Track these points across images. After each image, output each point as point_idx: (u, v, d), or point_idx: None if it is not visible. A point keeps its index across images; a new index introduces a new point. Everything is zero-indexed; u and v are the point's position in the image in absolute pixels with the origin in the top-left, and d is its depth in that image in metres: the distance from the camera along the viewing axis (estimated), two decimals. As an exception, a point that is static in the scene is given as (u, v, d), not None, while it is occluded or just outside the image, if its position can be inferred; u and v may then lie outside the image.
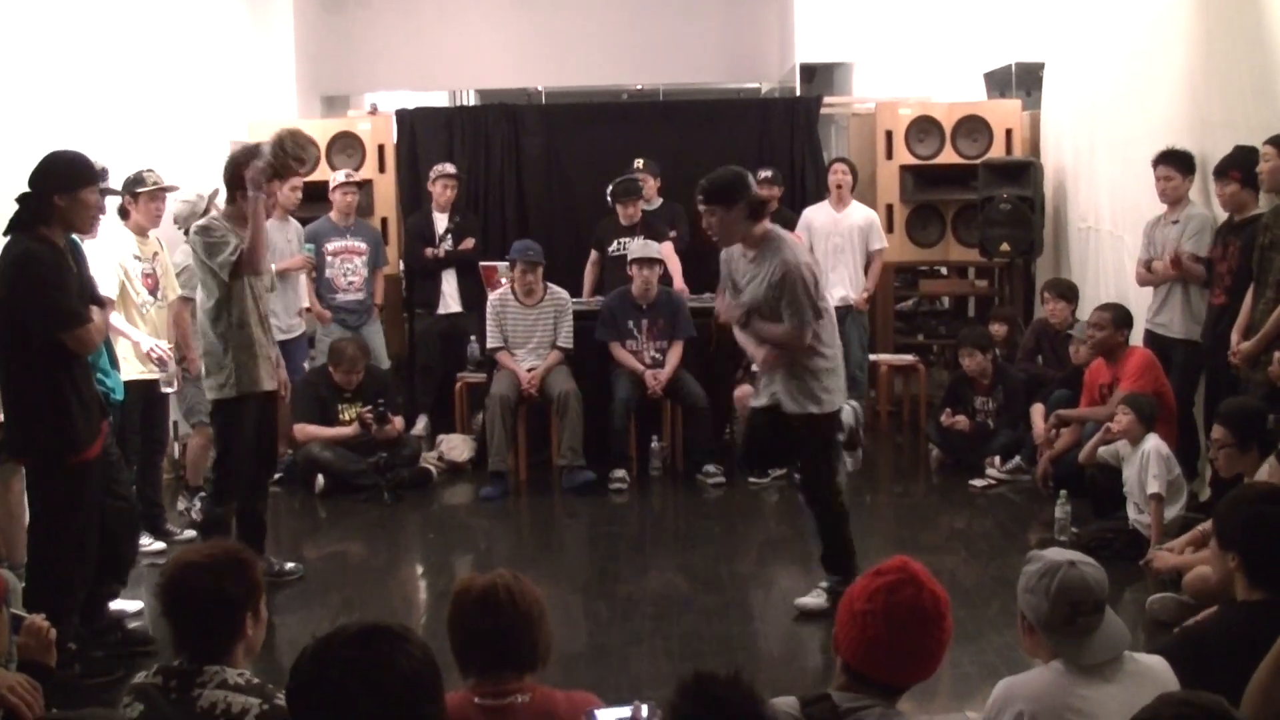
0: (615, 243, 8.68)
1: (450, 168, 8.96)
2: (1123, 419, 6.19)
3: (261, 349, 5.82)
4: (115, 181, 6.33)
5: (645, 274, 7.99)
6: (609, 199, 8.70)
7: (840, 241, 8.78)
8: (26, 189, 4.77)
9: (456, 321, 8.85)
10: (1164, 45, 7.19)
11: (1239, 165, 6.18)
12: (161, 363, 6.46)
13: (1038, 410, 7.49)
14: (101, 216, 5.19)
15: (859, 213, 8.89)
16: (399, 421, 8.07)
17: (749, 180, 5.45)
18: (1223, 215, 6.47)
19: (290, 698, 2.18)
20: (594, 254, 8.90)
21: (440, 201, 8.90)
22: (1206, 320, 6.53)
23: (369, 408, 7.88)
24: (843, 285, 8.68)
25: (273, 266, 6.49)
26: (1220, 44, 6.51)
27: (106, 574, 5.20)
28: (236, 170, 5.72)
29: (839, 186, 8.83)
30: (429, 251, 8.84)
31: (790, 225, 8.58)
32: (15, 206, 4.78)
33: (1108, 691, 2.85)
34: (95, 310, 4.95)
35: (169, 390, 6.66)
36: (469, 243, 8.90)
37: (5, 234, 4.79)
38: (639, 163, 8.93)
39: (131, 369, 6.35)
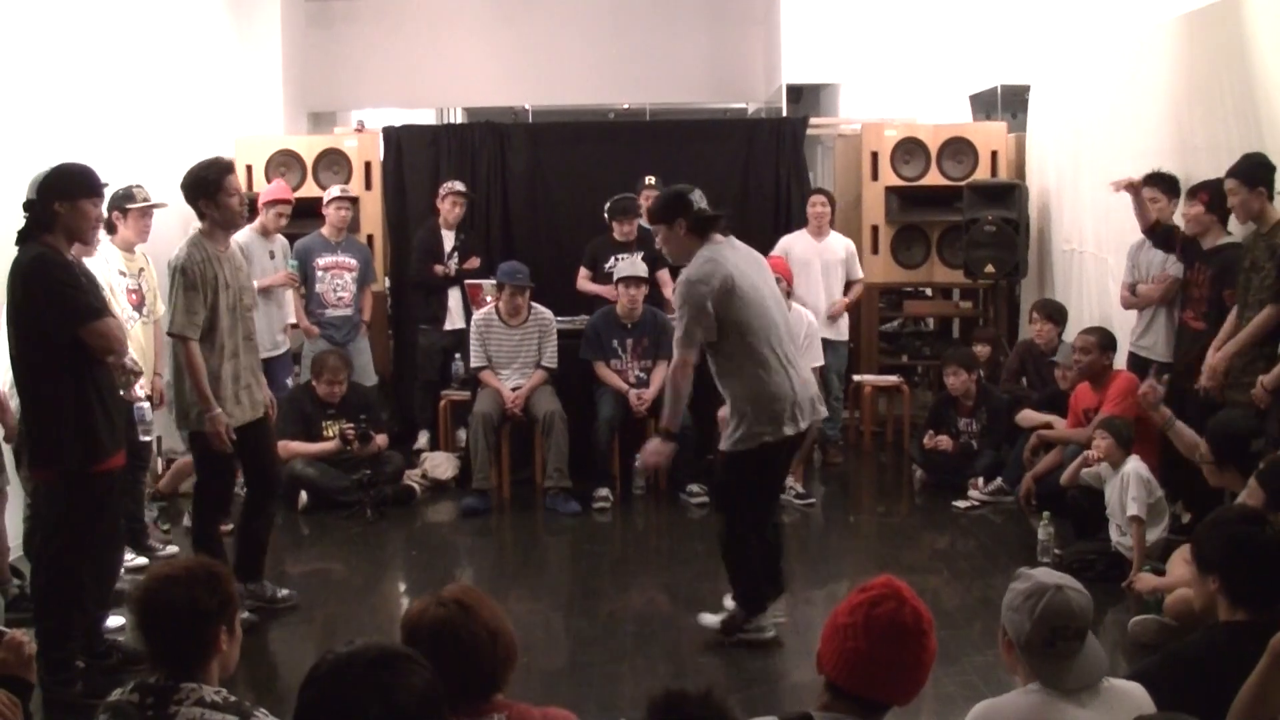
0: (611, 259, 8.68)
1: (460, 185, 9.01)
2: (1101, 443, 6.21)
3: (234, 383, 5.58)
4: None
5: (632, 293, 8.00)
6: (606, 216, 8.70)
7: (820, 270, 8.74)
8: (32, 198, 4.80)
9: (461, 337, 8.84)
10: (1148, 69, 7.24)
11: (1209, 190, 6.23)
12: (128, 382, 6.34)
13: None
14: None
15: (838, 243, 8.88)
16: (382, 438, 8.04)
17: (689, 198, 5.28)
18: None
19: (303, 716, 2.16)
20: (584, 270, 8.83)
21: (449, 219, 8.92)
22: (1187, 345, 6.55)
23: (352, 424, 7.86)
24: (821, 315, 8.57)
25: (254, 284, 6.41)
26: (1203, 68, 6.56)
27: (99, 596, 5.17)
28: (196, 184, 5.52)
29: (818, 217, 8.83)
30: (439, 269, 8.85)
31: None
32: (13, 221, 4.80)
33: (1084, 716, 2.84)
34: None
35: (146, 439, 6.56)
36: (474, 260, 8.93)
37: (16, 245, 4.80)
38: (650, 179, 8.92)
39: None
